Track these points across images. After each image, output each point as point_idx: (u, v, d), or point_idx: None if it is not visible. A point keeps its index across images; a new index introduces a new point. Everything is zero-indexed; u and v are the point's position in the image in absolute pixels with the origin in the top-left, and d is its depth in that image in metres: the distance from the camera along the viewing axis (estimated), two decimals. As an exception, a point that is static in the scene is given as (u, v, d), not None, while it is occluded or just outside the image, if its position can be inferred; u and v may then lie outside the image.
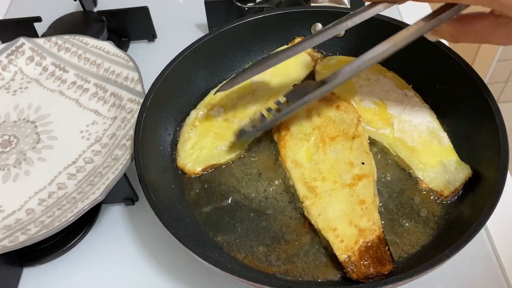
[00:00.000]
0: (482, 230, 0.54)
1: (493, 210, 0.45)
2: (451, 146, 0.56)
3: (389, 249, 0.48)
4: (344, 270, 0.48)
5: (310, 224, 0.52)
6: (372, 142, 0.58)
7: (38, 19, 0.80)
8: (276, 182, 0.56)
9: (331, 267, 0.50)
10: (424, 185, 0.54)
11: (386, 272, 0.47)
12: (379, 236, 0.49)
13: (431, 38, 0.49)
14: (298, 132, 0.57)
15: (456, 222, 0.51)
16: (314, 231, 0.52)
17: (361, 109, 0.60)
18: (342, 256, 0.48)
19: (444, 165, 0.55)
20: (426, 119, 0.59)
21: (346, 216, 0.50)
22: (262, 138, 0.61)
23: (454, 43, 0.48)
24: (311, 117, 0.58)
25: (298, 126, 0.58)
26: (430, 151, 0.56)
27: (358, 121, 0.57)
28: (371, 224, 0.50)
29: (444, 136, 0.57)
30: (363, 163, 0.54)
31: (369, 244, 0.48)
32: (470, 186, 0.53)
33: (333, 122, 0.58)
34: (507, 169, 0.48)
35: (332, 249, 0.49)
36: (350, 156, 0.55)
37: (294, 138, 0.57)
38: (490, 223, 0.51)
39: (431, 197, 0.54)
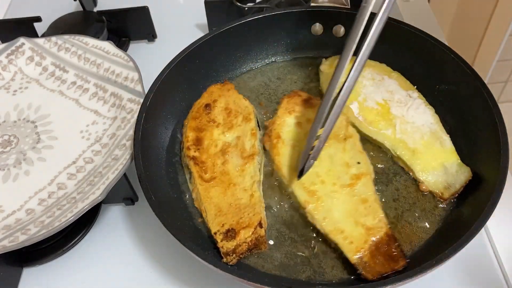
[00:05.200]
0: (482, 230, 0.54)
1: (493, 210, 0.45)
2: (453, 148, 0.56)
3: (399, 245, 0.48)
4: (358, 272, 0.47)
5: (314, 227, 0.52)
6: (374, 143, 0.58)
7: (38, 19, 0.80)
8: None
9: (340, 269, 0.49)
10: (424, 187, 0.55)
11: (400, 269, 0.46)
12: (387, 233, 0.49)
13: None
14: (290, 139, 0.57)
15: (456, 222, 0.51)
16: (319, 234, 0.52)
17: (364, 109, 0.60)
18: (353, 258, 0.47)
19: (445, 167, 0.54)
20: (429, 121, 0.58)
21: (351, 216, 0.50)
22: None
23: None
24: (300, 123, 0.59)
25: (288, 133, 0.58)
26: (431, 153, 0.56)
27: (347, 122, 0.57)
28: (377, 221, 0.49)
29: (446, 139, 0.57)
30: (358, 163, 0.54)
31: (378, 242, 0.48)
32: (470, 186, 0.53)
33: None
34: (507, 169, 0.48)
35: (342, 252, 0.48)
36: (344, 157, 0.55)
37: (286, 145, 0.57)
38: (490, 223, 0.51)
39: (431, 198, 0.54)
